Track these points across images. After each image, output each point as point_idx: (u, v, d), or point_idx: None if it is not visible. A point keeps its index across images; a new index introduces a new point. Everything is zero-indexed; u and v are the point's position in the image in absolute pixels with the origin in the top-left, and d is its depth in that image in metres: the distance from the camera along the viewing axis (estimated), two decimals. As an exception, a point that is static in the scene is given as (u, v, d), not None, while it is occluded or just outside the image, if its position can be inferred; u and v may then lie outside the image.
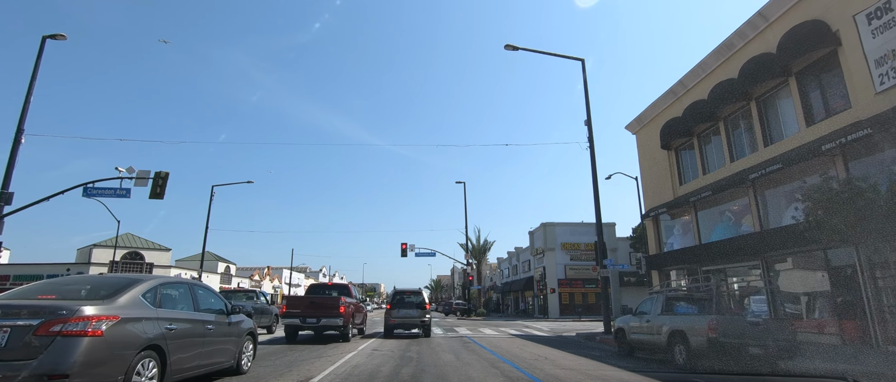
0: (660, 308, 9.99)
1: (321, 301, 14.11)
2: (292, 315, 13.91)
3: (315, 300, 14.20)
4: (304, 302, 14.13)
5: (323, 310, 13.73)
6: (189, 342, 5.69)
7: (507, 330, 21.10)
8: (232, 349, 6.86)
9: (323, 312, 13.70)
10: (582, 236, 41.00)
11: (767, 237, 14.22)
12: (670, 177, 20.58)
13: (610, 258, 20.41)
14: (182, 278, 6.65)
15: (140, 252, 40.79)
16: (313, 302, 14.00)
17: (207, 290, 6.94)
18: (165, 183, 18.40)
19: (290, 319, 13.89)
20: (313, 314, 13.68)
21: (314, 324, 13.65)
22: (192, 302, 6.20)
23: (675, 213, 20.84)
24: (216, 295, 7.08)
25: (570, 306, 39.47)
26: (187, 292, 6.24)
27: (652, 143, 22.01)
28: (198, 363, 5.87)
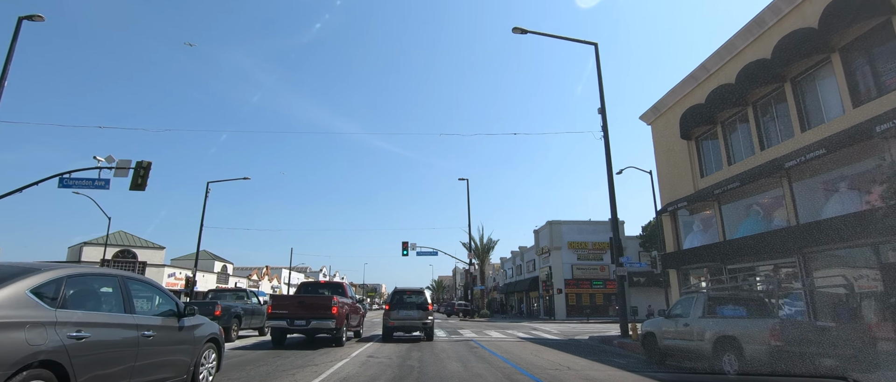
0: (700, 310, 8.61)
1: (311, 300, 12.68)
2: (279, 316, 12.47)
3: (305, 299, 12.76)
4: (293, 302, 12.78)
5: (313, 311, 12.36)
6: (111, 354, 4.32)
7: (514, 333, 19.73)
8: (185, 360, 5.46)
9: (313, 313, 12.33)
10: (589, 235, 39.61)
11: (807, 231, 12.82)
12: (690, 169, 19.18)
13: (626, 256, 18.96)
14: (110, 270, 5.11)
15: (132, 250, 39.53)
16: (302, 302, 12.59)
17: (148, 286, 5.45)
18: (147, 173, 17.10)
19: (277, 321, 12.44)
20: (302, 315, 12.30)
21: (303, 327, 12.27)
22: (122, 300, 4.77)
23: (694, 208, 19.44)
24: (162, 291, 5.58)
25: (576, 307, 38.08)
26: (116, 288, 4.81)
27: (669, 133, 20.62)
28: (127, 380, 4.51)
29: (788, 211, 14.24)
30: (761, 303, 8.41)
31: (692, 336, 8.47)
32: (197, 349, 5.71)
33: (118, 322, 4.53)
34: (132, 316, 4.76)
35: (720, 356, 7.65)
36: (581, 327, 26.67)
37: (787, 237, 13.53)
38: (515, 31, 19.34)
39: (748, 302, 8.47)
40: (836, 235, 11.41)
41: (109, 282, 4.81)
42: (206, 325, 6.11)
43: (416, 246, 41.07)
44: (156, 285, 5.58)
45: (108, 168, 16.94)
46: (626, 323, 17.19)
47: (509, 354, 11.16)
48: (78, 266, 4.69)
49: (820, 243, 12.44)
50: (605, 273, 38.93)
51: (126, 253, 39.13)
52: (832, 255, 13.00)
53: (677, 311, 9.41)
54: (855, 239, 11.21)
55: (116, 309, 4.67)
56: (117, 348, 4.41)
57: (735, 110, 16.64)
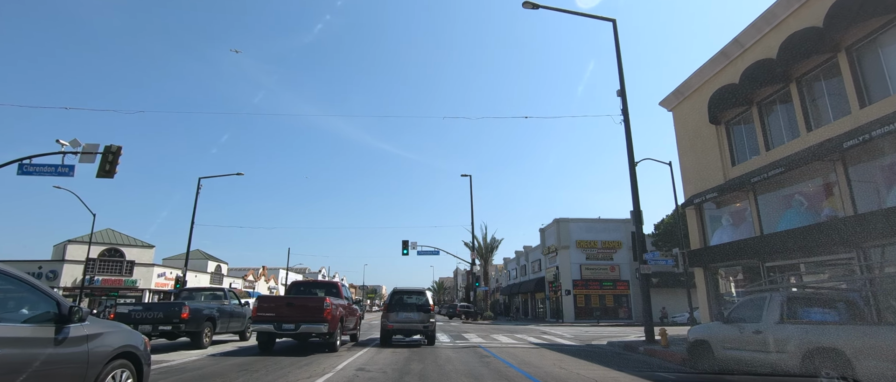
0: (776, 313, 6.79)
1: (301, 302, 11.45)
2: (265, 319, 11.31)
3: (294, 301, 11.50)
4: (281, 304, 11.53)
5: (303, 314, 11.16)
6: None
7: (525, 338, 17.90)
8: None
9: (303, 316, 11.13)
10: (599, 233, 37.76)
11: (869, 221, 10.99)
12: (720, 156, 17.35)
13: (651, 251, 17.14)
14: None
15: (120, 248, 37.75)
16: (291, 304, 11.37)
17: (12, 280, 3.58)
18: (117, 158, 15.32)
19: (263, 325, 11.30)
20: (291, 318, 11.13)
21: (292, 331, 11.10)
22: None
23: (723, 201, 17.62)
24: (29, 285, 3.71)
25: (585, 309, 36.22)
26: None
27: (695, 119, 18.82)
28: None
29: (843, 199, 12.42)
30: (854, 305, 6.58)
31: (767, 347, 6.65)
32: (94, 371, 3.89)
33: None
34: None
35: (814, 372, 5.83)
36: (594, 330, 24.84)
37: (843, 229, 11.70)
38: (526, 6, 17.64)
39: (837, 304, 6.66)
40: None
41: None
42: (111, 335, 4.24)
43: (416, 245, 39.32)
44: (23, 278, 3.67)
45: (73, 152, 15.14)
46: (651, 327, 15.37)
47: (528, 366, 9.34)
48: None
49: (888, 235, 10.61)
50: (615, 273, 37.08)
51: (113, 251, 37.37)
52: None
53: (741, 315, 7.60)
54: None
55: None
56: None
57: (775, 88, 14.83)
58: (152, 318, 12.53)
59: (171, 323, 12.53)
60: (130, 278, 37.18)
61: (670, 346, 13.77)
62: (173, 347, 12.81)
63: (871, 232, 10.93)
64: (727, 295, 17.73)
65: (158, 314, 12.57)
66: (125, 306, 13.10)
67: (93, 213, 33.01)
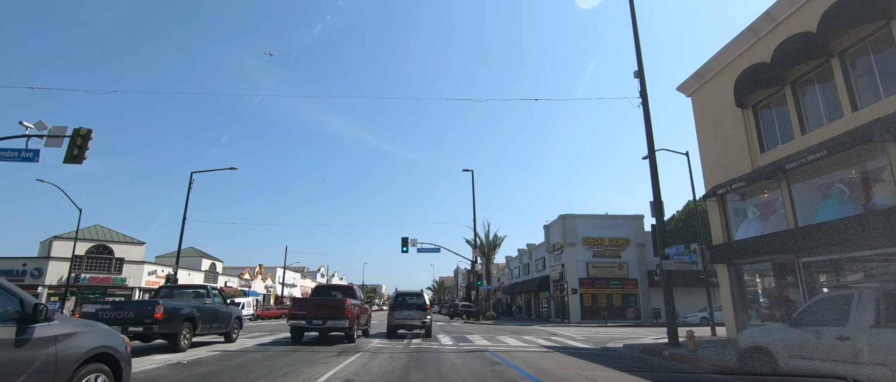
0: (870, 314, 5.38)
1: (327, 303, 14.03)
2: (298, 316, 13.89)
3: (321, 302, 14.09)
4: (310, 304, 14.02)
5: (329, 312, 13.66)
6: None
7: (533, 340, 16.51)
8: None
9: (329, 314, 13.63)
10: (606, 229, 36.34)
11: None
12: (747, 143, 15.95)
13: (677, 245, 15.73)
14: None
15: (108, 245, 36.37)
16: (319, 304, 13.90)
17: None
18: (86, 143, 13.95)
19: (296, 320, 13.91)
20: (319, 315, 13.64)
21: (320, 326, 13.65)
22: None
23: (749, 191, 16.24)
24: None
25: (592, 309, 34.79)
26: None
27: (718, 103, 17.44)
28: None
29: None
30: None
31: (860, 357, 5.24)
32: (63, 376, 3.47)
33: None
34: None
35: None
36: (605, 331, 23.44)
37: None
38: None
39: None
40: None
41: None
42: (84, 335, 3.82)
43: (416, 242, 37.95)
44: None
45: (39, 135, 13.73)
46: (675, 329, 13.97)
47: (548, 375, 7.95)
48: None
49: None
50: (623, 271, 35.66)
51: (101, 248, 35.98)
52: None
53: (816, 316, 6.20)
54: None
55: None
56: None
57: (814, 65, 13.43)
58: (122, 318, 11.18)
59: (142, 324, 11.20)
60: (119, 276, 35.80)
61: (698, 350, 12.39)
62: (149, 350, 11.41)
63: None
64: (750, 293, 16.33)
65: (129, 314, 11.23)
66: (92, 304, 11.75)
67: (79, 208, 31.67)
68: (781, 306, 15.10)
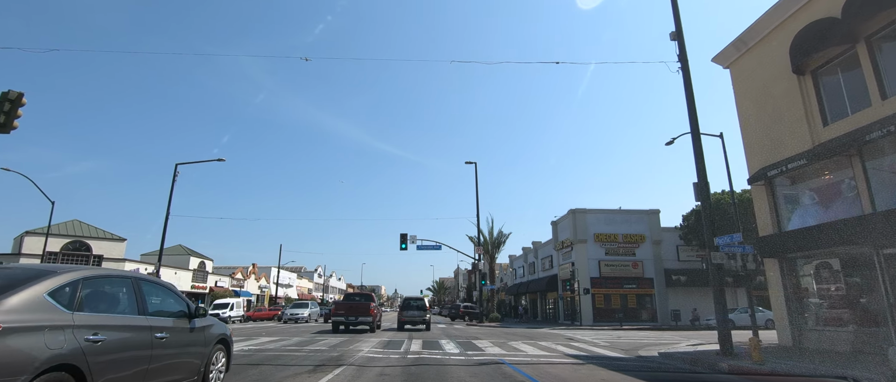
0: None
1: (357, 305, 20.00)
2: (339, 315, 19.78)
3: (353, 305, 20.04)
4: (346, 307, 19.99)
5: (359, 312, 19.66)
6: (127, 357, 4.20)
7: (554, 347, 14.10)
8: (195, 363, 5.31)
9: (359, 313, 19.63)
10: (620, 225, 33.90)
11: None
12: (805, 115, 13.56)
13: (725, 237, 13.34)
14: (123, 271, 5.18)
15: (86, 241, 33.97)
16: (352, 307, 19.87)
17: (160, 287, 5.30)
18: (15, 109, 11.56)
19: (337, 317, 19.76)
20: (353, 314, 19.61)
21: (354, 322, 19.51)
22: (136, 302, 4.65)
23: (803, 174, 13.87)
24: (173, 293, 5.46)
25: (605, 311, 32.34)
26: (130, 289, 4.68)
27: (764, 73, 15.09)
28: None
29: None
30: None
31: None
32: (207, 350, 5.62)
33: (132, 325, 4.44)
34: (145, 318, 4.67)
35: None
36: (626, 336, 21.03)
37: None
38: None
39: None
40: None
41: (123, 284, 4.71)
42: (216, 326, 6.01)
43: (416, 238, 35.56)
44: (168, 286, 5.55)
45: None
46: (728, 337, 11.52)
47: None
48: (93, 268, 4.71)
49: None
50: (638, 270, 33.23)
51: (78, 244, 33.58)
52: None
53: None
54: None
55: (130, 311, 4.57)
56: (132, 350, 4.33)
57: None
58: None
59: None
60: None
61: (766, 363, 9.98)
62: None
63: None
64: (809, 292, 13.90)
65: None
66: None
67: (51, 201, 29.27)
68: (850, 307, 12.72)
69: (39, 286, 3.69)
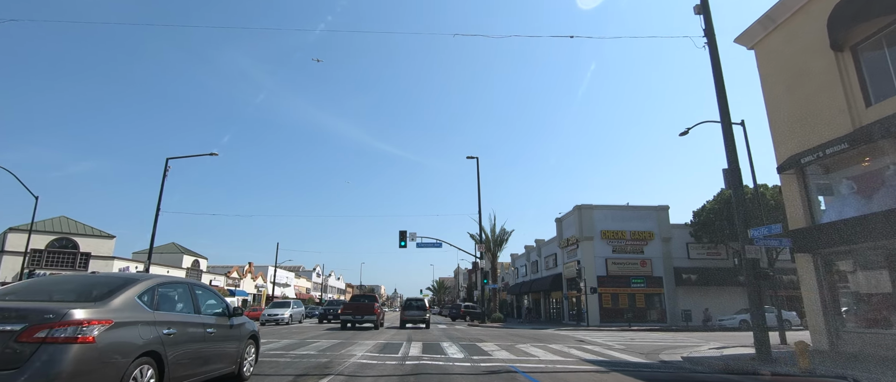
0: None
1: (364, 305, 22.36)
2: (347, 314, 22.17)
3: (360, 305, 22.38)
4: (354, 307, 22.33)
5: (365, 311, 22.11)
6: (189, 347, 5.14)
7: (567, 351, 12.84)
8: (233, 353, 6.31)
9: (365, 312, 22.08)
10: (627, 222, 32.64)
11: None
12: (845, 95, 12.30)
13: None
14: (180, 277, 6.28)
15: (73, 238, 32.71)
16: (358, 307, 22.24)
17: (207, 290, 6.33)
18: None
19: (346, 316, 22.17)
20: (359, 313, 22.06)
21: (360, 320, 21.98)
22: (192, 303, 5.65)
23: (839, 161, 12.61)
24: (217, 295, 6.54)
25: (613, 310, 31.09)
26: (186, 292, 5.68)
27: (795, 51, 13.84)
28: (198, 369, 5.33)
29: None
30: None
31: None
32: (242, 344, 6.58)
33: (192, 321, 5.37)
34: (199, 316, 5.64)
35: None
36: (639, 338, 19.77)
37: None
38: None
39: None
40: None
41: (182, 288, 5.65)
42: (248, 324, 6.97)
43: (416, 235, 34.31)
44: (212, 290, 6.56)
45: None
46: (766, 341, 10.26)
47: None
48: (164, 276, 5.71)
49: None
50: (646, 268, 31.97)
51: (65, 241, 32.31)
52: None
53: None
54: None
55: (188, 310, 5.50)
56: (193, 342, 5.23)
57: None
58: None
59: None
60: (85, 272, 32.19)
61: (813, 369, 8.73)
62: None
63: None
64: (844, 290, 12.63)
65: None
66: None
67: (35, 196, 28.05)
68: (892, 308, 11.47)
69: (132, 290, 4.59)
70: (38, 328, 3.65)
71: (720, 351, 13.52)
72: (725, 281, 31.12)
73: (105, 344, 3.92)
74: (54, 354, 3.60)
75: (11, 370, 3.50)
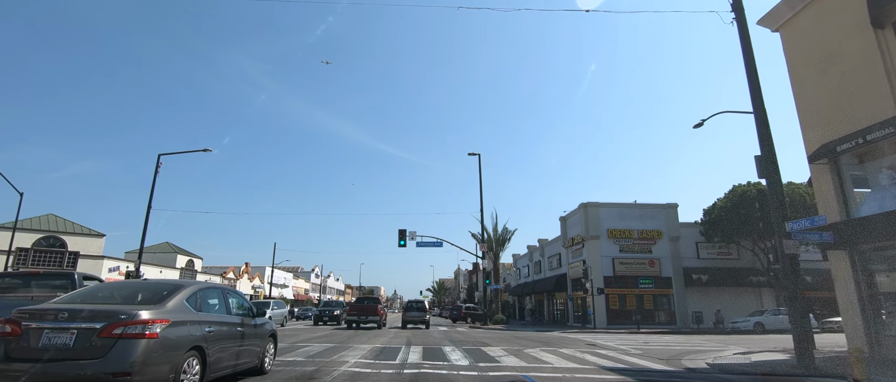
0: None
1: (368, 307, 24.56)
2: (353, 314, 24.35)
3: (364, 306, 24.61)
4: (358, 308, 24.61)
5: (369, 312, 24.17)
6: (224, 343, 5.91)
7: (581, 356, 11.73)
8: (257, 350, 7.04)
9: (369, 313, 24.14)
10: (635, 220, 31.55)
11: None
12: (886, 75, 11.21)
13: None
14: (215, 283, 7.64)
15: (60, 236, 31.64)
16: (363, 308, 24.46)
17: (236, 294, 7.18)
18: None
19: (351, 317, 24.38)
20: (364, 314, 24.12)
21: (364, 321, 23.99)
22: (225, 305, 6.40)
23: (879, 148, 11.53)
24: (243, 298, 7.41)
25: (620, 312, 29.97)
26: (220, 296, 6.46)
27: (827, 31, 12.80)
28: (230, 362, 6.11)
29: None
30: None
31: None
32: (264, 342, 7.35)
33: (226, 321, 6.16)
34: (230, 316, 6.39)
35: None
36: (653, 340, 18.65)
37: None
38: None
39: None
40: None
41: (217, 292, 6.48)
42: (268, 324, 7.74)
43: (416, 234, 33.23)
44: (240, 294, 7.60)
45: None
46: (808, 345, 9.14)
47: None
48: (201, 282, 6.42)
49: None
50: (654, 268, 30.87)
51: (52, 240, 31.23)
52: None
53: None
54: None
55: (222, 311, 6.26)
56: (227, 339, 6.04)
57: None
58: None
59: None
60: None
61: (871, 381, 7.61)
62: None
63: None
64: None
65: None
66: None
67: (19, 192, 26.97)
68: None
69: (181, 294, 5.52)
70: (115, 326, 4.43)
71: (747, 357, 12.42)
72: (737, 281, 30.00)
73: (165, 340, 4.71)
74: (128, 347, 4.37)
75: (96, 359, 4.30)
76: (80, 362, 4.24)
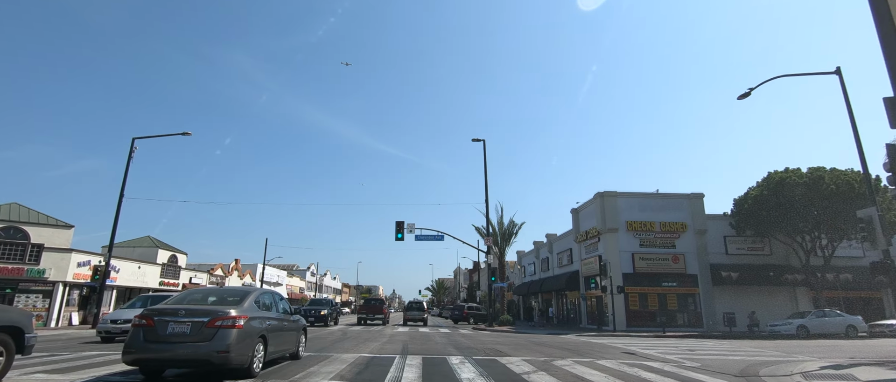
0: None
1: (375, 306, 29.35)
2: (363, 313, 29.12)
3: (371, 306, 29.33)
4: (367, 307, 29.36)
5: (376, 311, 29.03)
6: (277, 334, 8.00)
7: (625, 370, 8.87)
8: (295, 340, 9.25)
9: (376, 312, 28.99)
10: (656, 212, 28.62)
11: None
12: None
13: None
14: (269, 289, 10.09)
15: (22, 227, 28.69)
16: (371, 308, 29.22)
17: (281, 297, 9.30)
18: None
19: (361, 315, 29.17)
20: (371, 313, 28.93)
21: (372, 319, 28.74)
22: (274, 304, 8.53)
23: None
24: (284, 299, 9.44)
25: (641, 313, 27.05)
26: (272, 297, 8.62)
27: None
28: (279, 349, 8.26)
29: None
30: None
31: None
32: (299, 333, 9.60)
33: (278, 317, 8.29)
34: (278, 313, 8.46)
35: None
36: (693, 346, 15.74)
37: None
38: None
39: None
40: None
41: (270, 296, 8.58)
42: (300, 321, 9.90)
43: (414, 227, 30.39)
44: (282, 296, 9.52)
45: None
46: None
47: None
48: (263, 288, 8.87)
49: None
50: (679, 265, 27.96)
51: (13, 231, 28.27)
52: None
53: None
54: None
55: (274, 309, 8.38)
56: (278, 331, 8.08)
57: None
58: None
59: None
60: (36, 266, 28.08)
61: None
62: None
63: None
64: None
65: None
66: None
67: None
68: None
69: (252, 297, 7.60)
70: (216, 319, 6.49)
71: (850, 370, 9.46)
72: (771, 279, 27.10)
73: (246, 329, 6.74)
74: (226, 334, 6.40)
75: (206, 341, 6.31)
76: (196, 344, 6.28)
